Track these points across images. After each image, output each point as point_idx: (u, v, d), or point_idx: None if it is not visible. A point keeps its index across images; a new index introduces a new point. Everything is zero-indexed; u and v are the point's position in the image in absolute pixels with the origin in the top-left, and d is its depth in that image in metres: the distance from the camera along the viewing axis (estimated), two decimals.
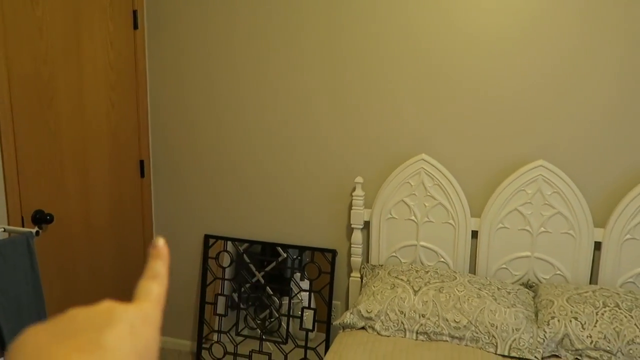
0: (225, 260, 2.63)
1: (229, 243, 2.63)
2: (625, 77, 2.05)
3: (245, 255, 2.60)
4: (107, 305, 0.35)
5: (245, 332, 2.62)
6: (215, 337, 2.67)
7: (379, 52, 2.30)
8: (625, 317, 1.80)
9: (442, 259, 2.31)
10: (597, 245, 2.13)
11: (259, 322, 2.61)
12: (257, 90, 2.49)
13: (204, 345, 2.67)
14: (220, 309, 2.63)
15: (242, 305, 2.61)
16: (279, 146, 2.51)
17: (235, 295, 2.62)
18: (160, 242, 0.42)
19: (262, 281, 2.59)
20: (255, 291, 2.62)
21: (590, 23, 2.05)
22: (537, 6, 2.10)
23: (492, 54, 2.18)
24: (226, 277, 2.64)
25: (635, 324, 1.77)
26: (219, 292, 2.63)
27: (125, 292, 2.57)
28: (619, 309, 1.83)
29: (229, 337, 2.64)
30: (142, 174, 2.62)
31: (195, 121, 2.60)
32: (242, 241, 2.61)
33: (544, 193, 2.14)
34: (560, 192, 2.12)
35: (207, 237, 2.65)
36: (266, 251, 2.62)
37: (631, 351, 1.73)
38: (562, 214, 2.13)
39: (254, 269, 2.61)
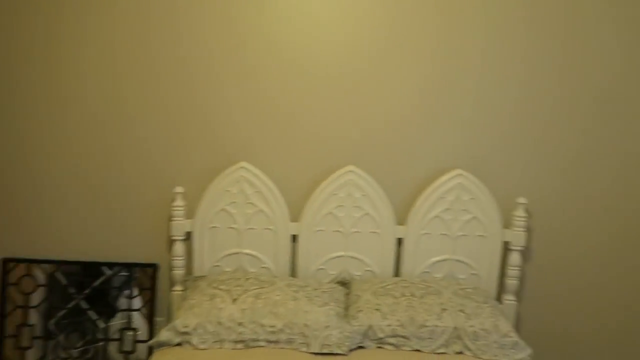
0: (28, 285, 2.35)
1: (34, 267, 2.36)
2: (423, 93, 2.30)
3: (59, 277, 2.35)
4: None
5: None
6: None
7: (200, 60, 2.26)
8: (418, 304, 2.02)
9: (265, 265, 2.36)
10: (400, 242, 2.36)
11: (76, 350, 2.38)
12: (64, 91, 2.28)
13: None
14: (25, 341, 2.34)
15: (55, 334, 2.36)
16: (91, 155, 2.33)
17: (48, 323, 2.36)
18: None
19: (83, 305, 2.36)
20: (74, 316, 2.39)
21: (392, 33, 2.25)
22: (344, 22, 2.25)
23: (306, 67, 2.28)
24: (32, 304, 2.36)
25: (425, 310, 1.99)
26: (23, 322, 2.34)
27: None
28: (414, 297, 2.05)
29: None
30: None
31: None
32: (52, 262, 2.36)
33: (353, 196, 2.30)
34: (368, 195, 2.30)
35: (5, 262, 2.35)
36: (86, 271, 2.40)
37: (422, 334, 1.95)
38: (370, 214, 2.31)
39: (72, 292, 2.36)
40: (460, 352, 1.93)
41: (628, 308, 2.47)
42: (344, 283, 2.33)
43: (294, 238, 2.36)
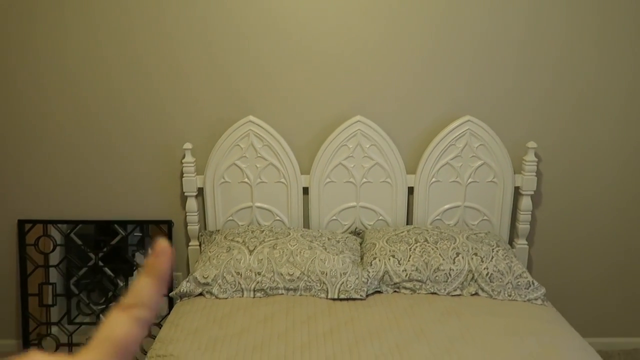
0: (47, 245, 2.39)
1: (51, 227, 2.39)
2: (428, 39, 2.26)
3: (75, 237, 2.39)
4: None
5: (83, 319, 2.44)
6: (45, 330, 2.44)
7: (204, 14, 2.21)
8: (432, 249, 2.05)
9: (278, 218, 2.38)
10: (411, 190, 2.37)
11: (98, 306, 2.44)
12: (73, 53, 2.25)
13: (33, 341, 2.43)
14: (47, 299, 2.40)
15: (75, 292, 2.41)
16: (101, 114, 2.31)
17: (70, 282, 2.41)
18: (162, 248, 0.28)
19: (100, 263, 2.41)
20: (93, 275, 2.44)
21: None
22: None
23: (313, 19, 2.23)
24: (51, 263, 2.40)
25: (439, 254, 2.03)
26: (44, 281, 2.39)
27: None
28: (427, 243, 2.08)
29: (60, 328, 2.43)
30: None
31: None
32: (68, 222, 2.39)
33: (363, 146, 2.30)
34: (377, 144, 2.30)
35: (21, 223, 2.37)
36: (101, 231, 2.44)
37: (437, 277, 1.99)
38: (380, 164, 2.32)
39: (88, 251, 2.41)
40: (475, 294, 1.98)
41: (633, 249, 2.51)
42: (357, 233, 2.37)
43: (305, 190, 2.38)
